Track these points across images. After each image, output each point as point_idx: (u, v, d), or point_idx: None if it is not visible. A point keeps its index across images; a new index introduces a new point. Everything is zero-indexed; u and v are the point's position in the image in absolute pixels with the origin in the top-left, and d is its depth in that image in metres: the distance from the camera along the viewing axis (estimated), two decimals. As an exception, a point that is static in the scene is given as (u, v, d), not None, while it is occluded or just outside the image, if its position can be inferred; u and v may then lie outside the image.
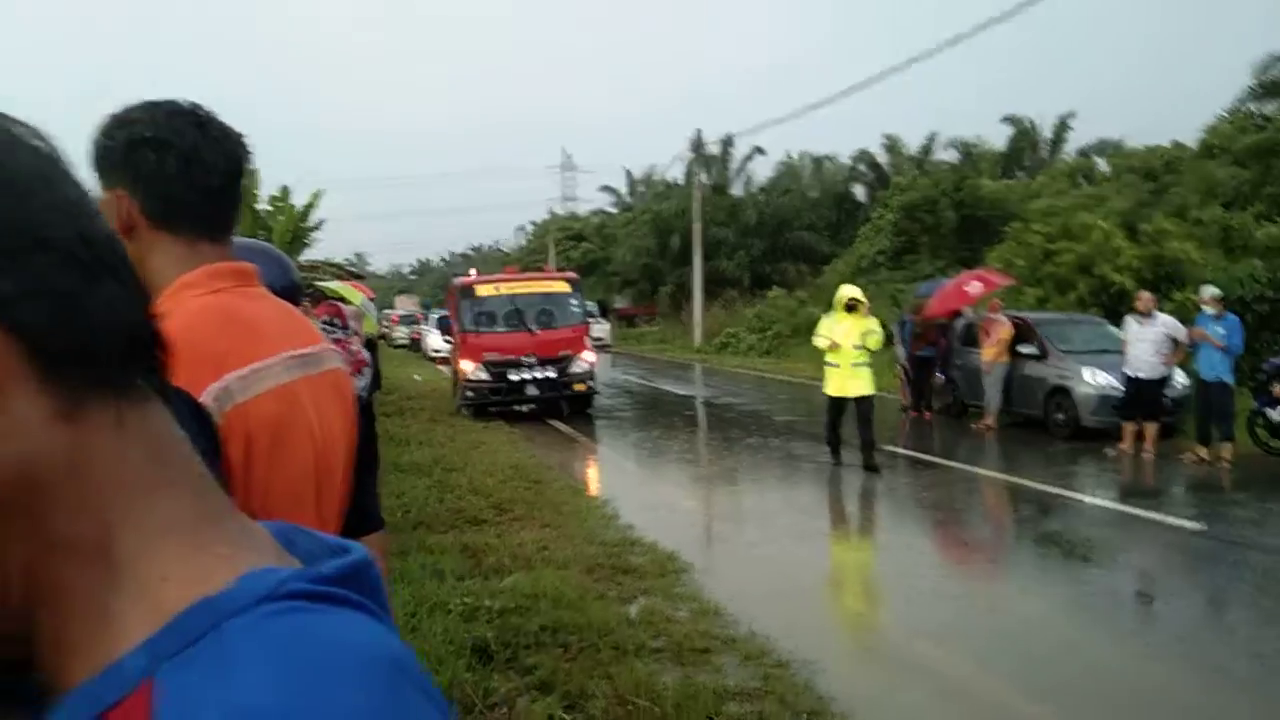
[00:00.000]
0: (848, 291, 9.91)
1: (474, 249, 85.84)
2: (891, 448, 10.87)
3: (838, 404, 9.83)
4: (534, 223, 58.06)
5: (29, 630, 0.45)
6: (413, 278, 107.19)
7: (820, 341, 9.89)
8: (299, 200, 26.58)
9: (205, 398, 1.22)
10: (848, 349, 9.58)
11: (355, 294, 10.04)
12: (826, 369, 9.91)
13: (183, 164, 1.35)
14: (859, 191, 37.50)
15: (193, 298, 1.32)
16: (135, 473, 0.47)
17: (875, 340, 9.72)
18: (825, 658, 4.74)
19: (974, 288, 13.18)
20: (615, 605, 5.42)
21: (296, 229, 26.28)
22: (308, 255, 26.85)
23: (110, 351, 0.47)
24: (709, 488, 9.84)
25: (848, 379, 9.65)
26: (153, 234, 1.37)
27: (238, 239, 2.78)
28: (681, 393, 19.05)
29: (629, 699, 4.12)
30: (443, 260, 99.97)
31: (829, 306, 10.32)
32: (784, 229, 35.09)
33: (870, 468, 9.49)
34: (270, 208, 26.35)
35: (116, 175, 1.35)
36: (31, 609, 0.45)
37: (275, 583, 0.45)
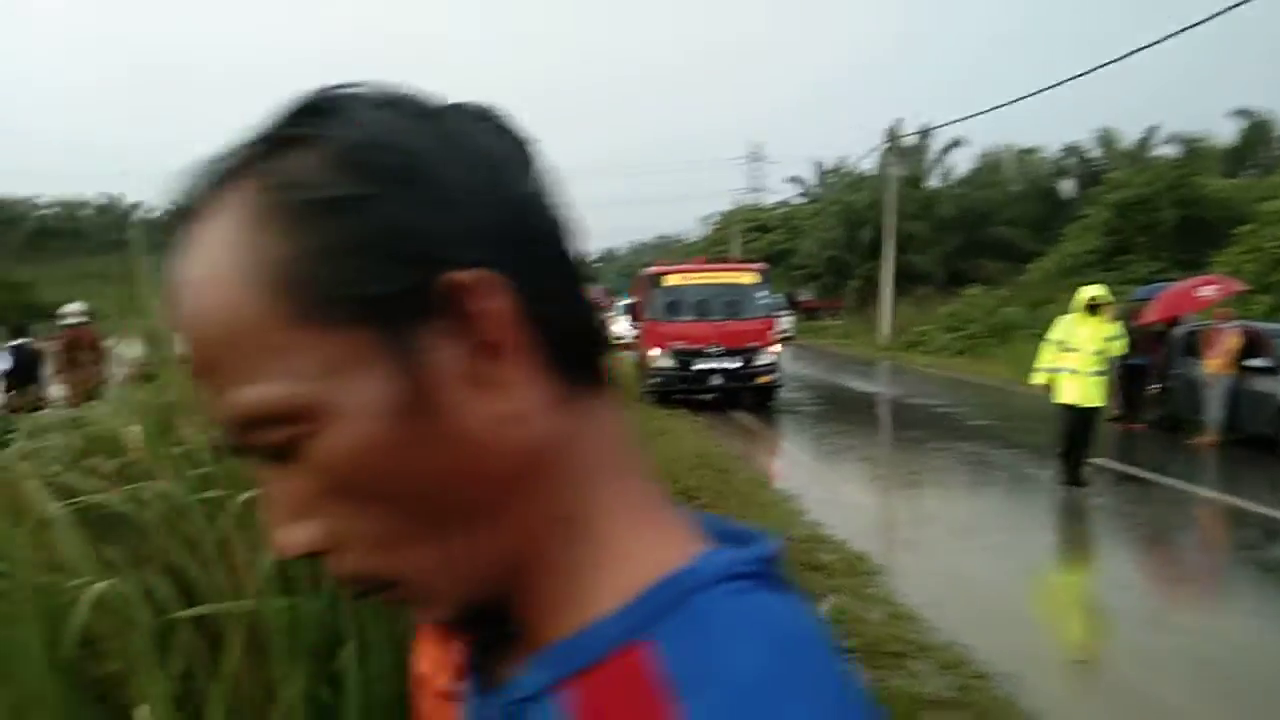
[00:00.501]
0: (1090, 292, 9.02)
1: (660, 238, 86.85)
2: (1098, 460, 10.25)
3: (1076, 415, 8.79)
4: (720, 213, 58.02)
5: (509, 589, 0.51)
6: (597, 265, 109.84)
7: (1049, 354, 9.08)
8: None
9: None
10: (1087, 355, 8.74)
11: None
12: (1062, 376, 8.94)
13: None
14: (1066, 187, 35.45)
15: None
16: (609, 457, 0.52)
17: (1119, 346, 8.99)
18: (1027, 673, 4.54)
19: (1206, 293, 12.20)
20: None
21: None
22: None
23: (595, 340, 0.52)
24: (896, 489, 9.59)
25: (1086, 387, 8.75)
26: None
27: None
28: (866, 389, 18.65)
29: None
30: (629, 248, 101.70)
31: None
32: (983, 224, 33.67)
33: (1077, 482, 8.90)
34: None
35: None
36: (517, 572, 0.50)
37: (729, 563, 0.49)
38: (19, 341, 11.04)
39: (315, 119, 0.48)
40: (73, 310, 11.09)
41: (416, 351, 0.46)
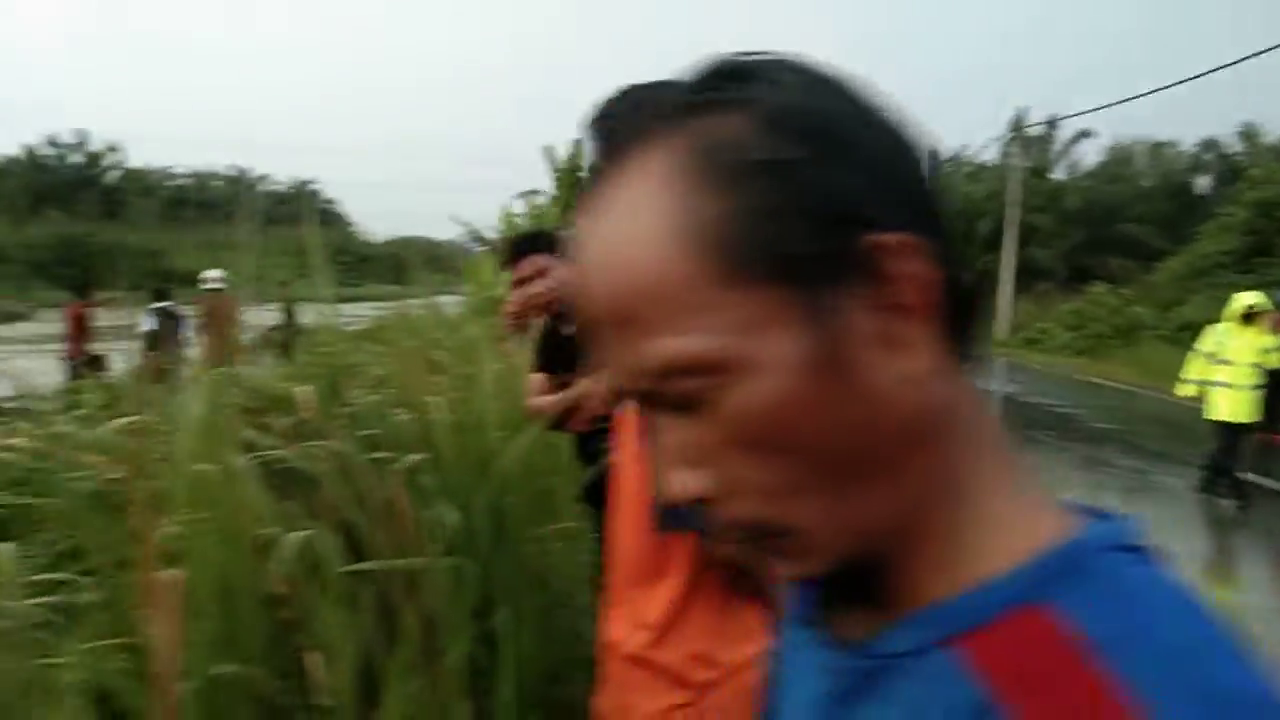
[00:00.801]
0: (1247, 300, 8.31)
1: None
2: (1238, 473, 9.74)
3: (1230, 431, 8.19)
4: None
5: (887, 547, 0.52)
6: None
7: (1197, 366, 8.54)
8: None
9: None
10: (1242, 367, 8.11)
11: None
12: (1213, 390, 8.33)
13: None
14: (1201, 183, 33.71)
15: None
16: (980, 423, 0.54)
17: (1277, 358, 8.33)
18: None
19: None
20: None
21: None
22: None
23: (977, 308, 0.54)
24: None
25: (1239, 401, 8.10)
26: None
27: None
28: (980, 386, 18.11)
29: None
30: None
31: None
32: (1110, 219, 32.29)
33: (1227, 495, 8.33)
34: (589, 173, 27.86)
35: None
36: (900, 531, 0.52)
37: (1117, 534, 0.50)
38: (161, 305, 11.63)
39: (738, 83, 0.50)
40: (212, 277, 11.64)
41: (833, 310, 0.47)
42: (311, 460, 2.43)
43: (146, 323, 11.65)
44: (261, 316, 14.45)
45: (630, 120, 0.52)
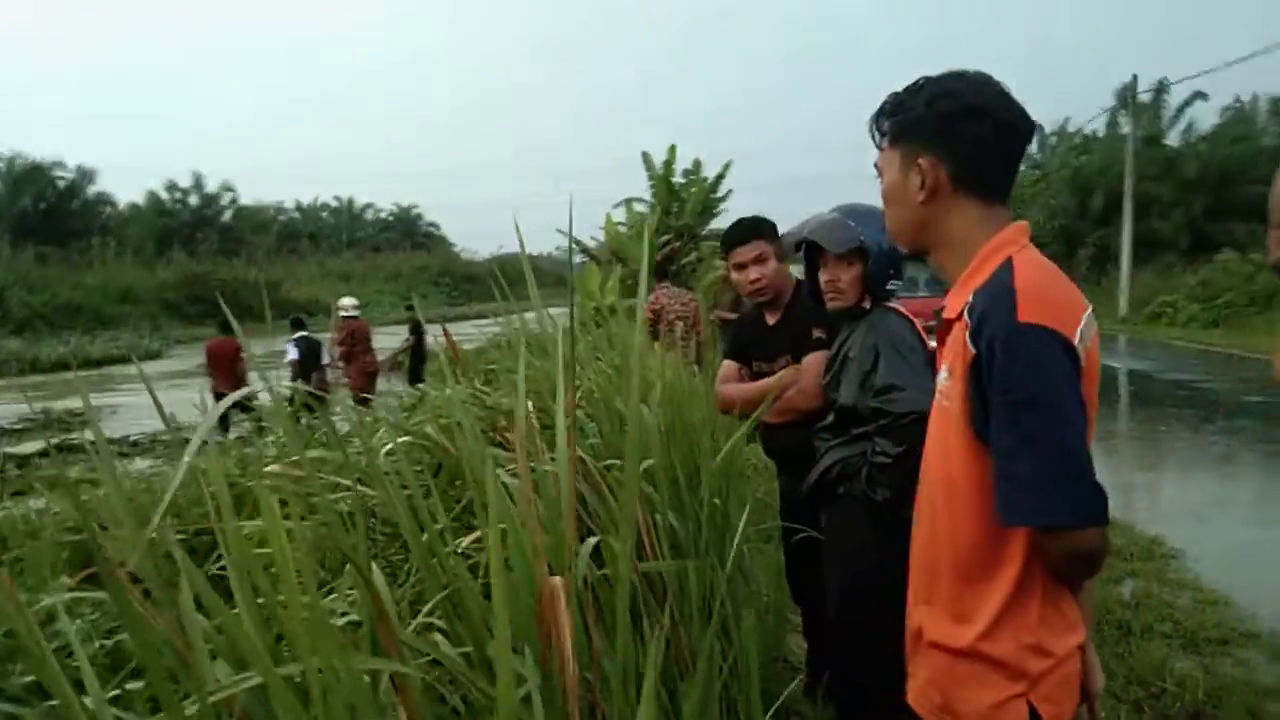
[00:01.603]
0: None
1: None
2: None
3: None
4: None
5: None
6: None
7: None
8: (707, 173, 27.90)
9: (1075, 337, 1.38)
10: None
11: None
12: None
13: (1000, 134, 1.49)
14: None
15: (1017, 251, 1.48)
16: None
17: None
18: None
19: None
20: (1105, 585, 5.16)
21: (707, 200, 27.61)
22: (714, 225, 28.14)
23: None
24: (1169, 469, 8.98)
25: None
26: (954, 198, 1.52)
27: (854, 204, 2.97)
28: (1110, 364, 17.47)
29: (1149, 681, 3.93)
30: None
31: None
32: (1232, 183, 30.70)
33: None
34: (684, 180, 27.90)
35: (928, 142, 1.51)
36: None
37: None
38: (300, 334, 12.15)
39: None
40: (347, 304, 12.08)
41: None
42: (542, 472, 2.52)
43: (291, 352, 12.17)
44: (386, 340, 14.99)
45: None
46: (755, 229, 3.38)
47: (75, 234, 45.23)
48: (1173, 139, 34.16)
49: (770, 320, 3.39)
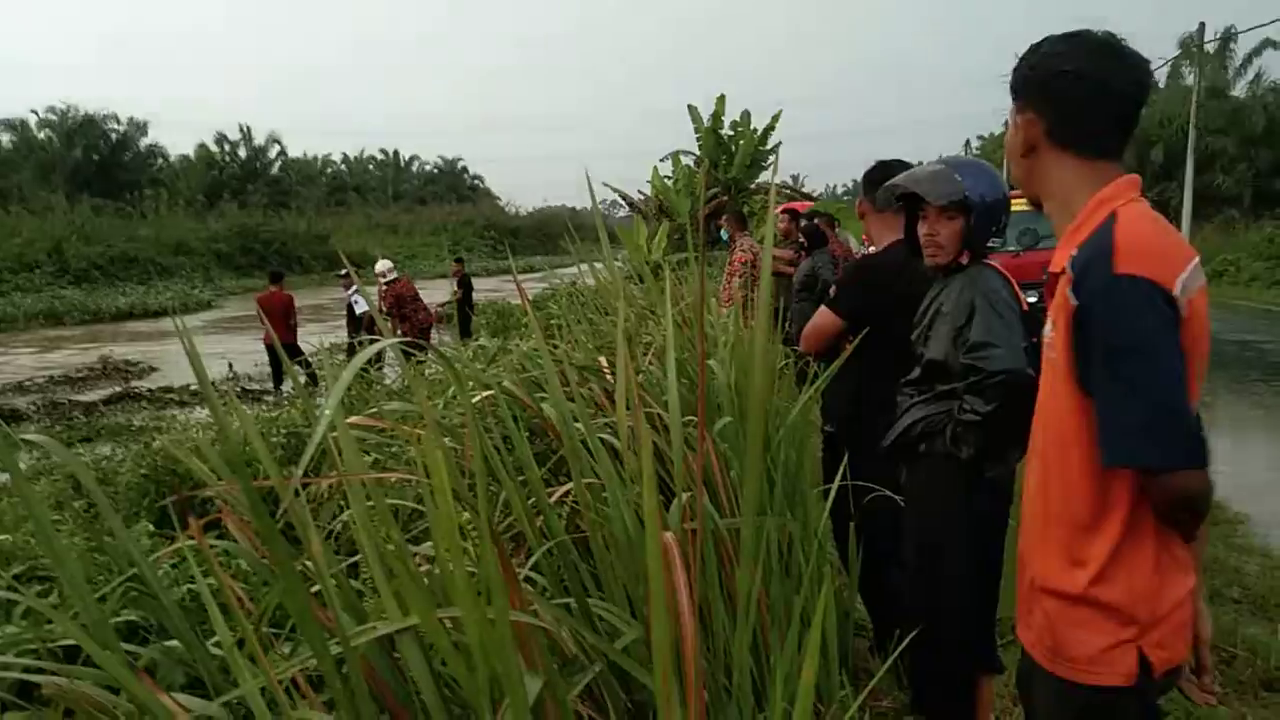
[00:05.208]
0: None
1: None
2: None
3: None
4: (981, 137, 54.72)
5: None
6: (845, 199, 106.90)
7: None
8: (756, 124, 27.50)
9: (1175, 287, 1.42)
10: None
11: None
12: None
13: (1095, 93, 1.55)
14: None
15: (1123, 205, 1.52)
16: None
17: None
18: None
19: None
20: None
21: (755, 152, 27.27)
22: (763, 178, 27.80)
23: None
24: (1232, 432, 8.80)
25: None
26: (1053, 154, 1.60)
27: (959, 157, 2.93)
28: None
29: (1219, 646, 3.88)
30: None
31: None
32: (1301, 137, 29.68)
33: None
34: (731, 132, 27.56)
35: (1030, 100, 1.60)
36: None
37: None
38: (353, 287, 12.25)
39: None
40: (384, 269, 12.07)
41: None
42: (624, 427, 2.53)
43: (359, 304, 12.27)
44: (433, 294, 15.08)
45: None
46: (883, 173, 3.23)
47: (128, 186, 45.90)
48: (1239, 90, 33.05)
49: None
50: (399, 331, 11.98)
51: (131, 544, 1.59)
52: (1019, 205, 2.60)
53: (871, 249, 3.59)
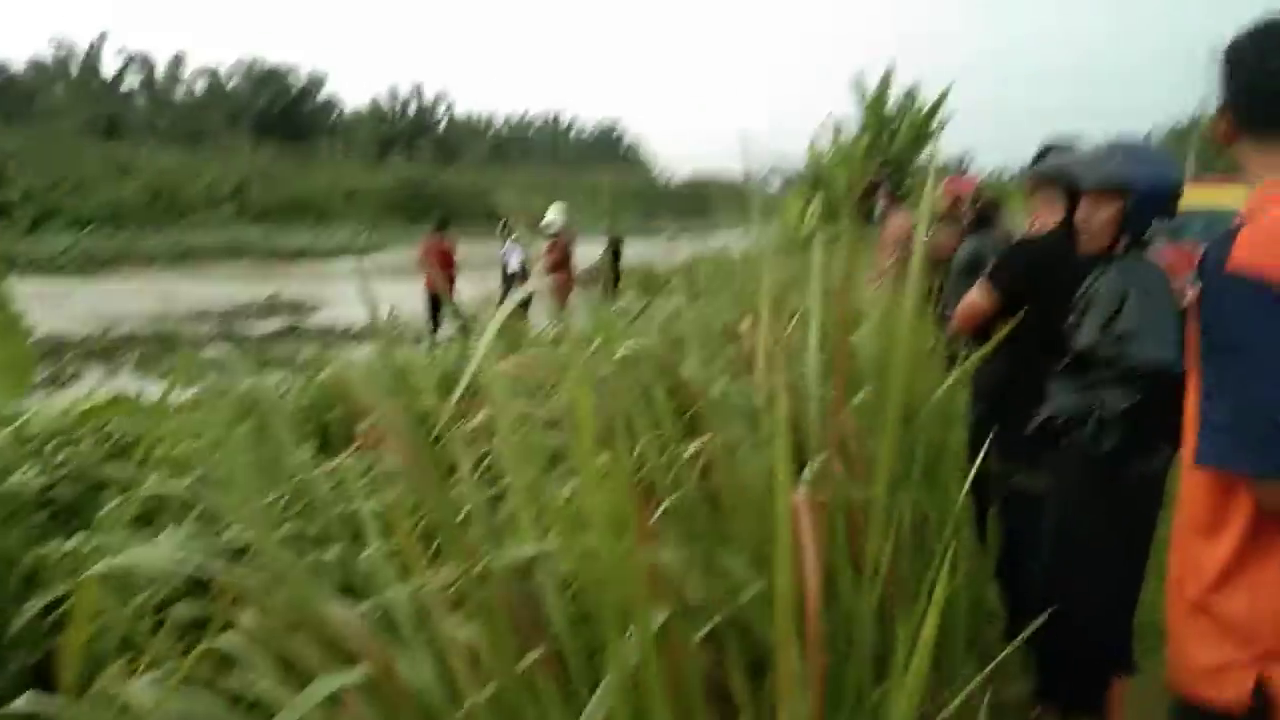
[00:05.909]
0: None
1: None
2: None
3: None
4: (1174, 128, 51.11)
5: None
6: (1012, 182, 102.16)
7: None
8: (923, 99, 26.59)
9: None
10: None
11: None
12: None
13: (1259, 74, 1.49)
14: None
15: None
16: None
17: None
18: None
19: None
20: None
21: (920, 130, 26.40)
22: (925, 155, 26.86)
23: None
24: None
25: None
26: (1242, 144, 1.55)
27: (1129, 140, 2.79)
28: None
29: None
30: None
31: None
32: None
33: None
34: (895, 110, 26.73)
35: (1221, 90, 1.56)
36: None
37: None
38: (515, 241, 12.50)
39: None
40: (554, 218, 12.22)
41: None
42: (748, 393, 2.54)
43: (514, 258, 12.51)
44: (587, 254, 15.27)
45: None
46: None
47: (306, 134, 48.57)
48: None
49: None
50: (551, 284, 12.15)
51: (297, 459, 1.73)
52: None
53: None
